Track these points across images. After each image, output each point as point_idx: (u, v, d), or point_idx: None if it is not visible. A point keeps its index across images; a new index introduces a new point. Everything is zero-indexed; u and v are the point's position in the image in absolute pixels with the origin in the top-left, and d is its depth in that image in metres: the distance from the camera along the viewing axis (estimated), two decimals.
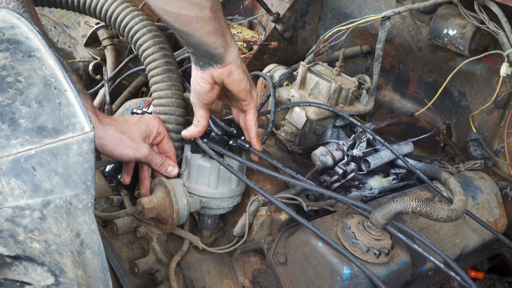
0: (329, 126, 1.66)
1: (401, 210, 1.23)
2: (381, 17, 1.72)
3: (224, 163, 1.36)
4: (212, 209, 1.45)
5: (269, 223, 1.43)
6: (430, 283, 1.61)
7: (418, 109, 2.08)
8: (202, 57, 1.29)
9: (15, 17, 1.11)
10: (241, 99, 1.38)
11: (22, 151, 0.88)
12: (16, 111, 0.91)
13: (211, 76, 1.31)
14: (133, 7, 1.68)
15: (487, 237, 1.69)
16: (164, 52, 1.59)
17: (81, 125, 0.96)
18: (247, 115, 1.41)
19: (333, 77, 1.69)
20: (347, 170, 1.55)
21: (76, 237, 0.91)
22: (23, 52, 1.01)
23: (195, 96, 1.37)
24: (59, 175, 0.91)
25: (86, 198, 0.93)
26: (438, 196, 1.56)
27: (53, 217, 0.88)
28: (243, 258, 1.45)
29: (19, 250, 0.80)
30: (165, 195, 1.35)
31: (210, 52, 1.26)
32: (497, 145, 1.83)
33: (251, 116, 1.40)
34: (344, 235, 1.28)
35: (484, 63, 1.82)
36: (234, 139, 1.41)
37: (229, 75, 1.31)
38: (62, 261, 0.85)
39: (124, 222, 1.40)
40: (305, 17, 2.25)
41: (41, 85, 0.97)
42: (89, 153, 0.95)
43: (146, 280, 1.40)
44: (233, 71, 1.31)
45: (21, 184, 0.87)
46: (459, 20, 1.71)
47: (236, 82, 1.33)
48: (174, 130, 1.52)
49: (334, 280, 1.24)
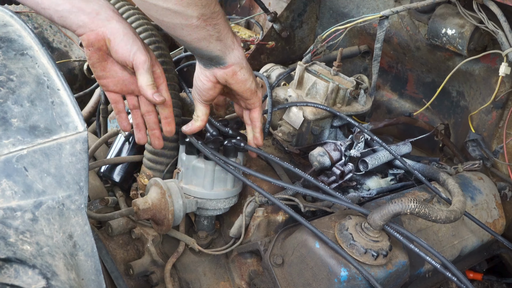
0: (327, 126, 1.65)
1: (399, 211, 1.22)
2: (379, 17, 1.71)
3: (220, 161, 1.34)
4: (208, 210, 1.43)
5: (265, 224, 1.42)
6: (429, 285, 1.60)
7: (416, 109, 2.07)
8: (201, 59, 1.27)
9: (8, 15, 1.09)
10: (246, 98, 1.35)
11: (14, 151, 0.87)
12: (8, 110, 0.90)
13: (214, 75, 1.28)
14: (128, 6, 1.66)
15: (486, 238, 1.68)
16: (160, 51, 1.57)
17: (74, 124, 0.95)
18: (252, 112, 1.39)
19: (331, 77, 1.67)
20: (344, 171, 1.54)
21: (68, 239, 0.90)
22: (16, 51, 1.00)
23: (196, 92, 1.34)
24: (52, 176, 0.89)
25: (79, 199, 0.92)
26: (436, 197, 1.55)
27: (45, 219, 0.87)
28: (240, 259, 1.44)
29: (10, 253, 0.79)
30: (160, 196, 1.33)
31: (206, 55, 1.23)
32: (495, 145, 1.82)
33: (256, 114, 1.38)
34: (341, 237, 1.26)
35: (483, 63, 1.81)
36: (229, 139, 1.39)
37: (233, 75, 1.28)
38: (54, 264, 0.83)
39: (119, 223, 1.39)
40: (303, 17, 2.24)
41: (34, 84, 0.96)
42: (82, 153, 0.93)
43: (141, 282, 1.39)
44: (237, 71, 1.27)
45: (12, 184, 0.85)
46: (458, 19, 1.70)
47: (240, 82, 1.30)
48: None
49: (331, 282, 1.23)
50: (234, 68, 1.26)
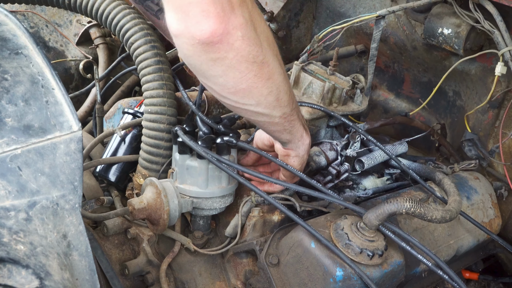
0: (323, 126, 1.65)
1: (395, 211, 1.22)
2: (375, 16, 1.71)
3: (213, 159, 1.34)
4: (204, 210, 1.43)
5: (261, 224, 1.42)
6: (424, 284, 1.60)
7: (412, 109, 2.07)
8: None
9: (3, 14, 1.09)
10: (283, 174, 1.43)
11: (8, 150, 0.87)
12: (2, 110, 0.90)
13: (273, 142, 1.38)
14: (125, 5, 1.66)
15: (482, 238, 1.69)
16: (156, 51, 1.57)
17: (69, 124, 0.94)
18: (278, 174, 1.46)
19: (327, 77, 1.67)
20: (340, 171, 1.54)
21: (63, 239, 0.89)
22: (10, 50, 1.00)
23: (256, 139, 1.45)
24: (46, 175, 0.89)
25: (73, 199, 0.91)
26: (432, 197, 1.55)
27: (39, 218, 0.86)
28: (235, 259, 1.43)
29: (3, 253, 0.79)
30: (156, 195, 1.33)
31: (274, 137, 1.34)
32: (492, 145, 1.82)
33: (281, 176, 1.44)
34: (337, 236, 1.26)
35: (479, 62, 1.82)
36: (221, 137, 1.39)
37: (285, 156, 1.36)
38: (47, 264, 0.83)
39: (115, 223, 1.39)
40: (299, 16, 2.24)
41: (28, 83, 0.95)
42: (76, 153, 0.93)
43: (136, 282, 1.38)
44: (290, 156, 1.35)
45: (6, 184, 0.85)
46: (454, 19, 1.70)
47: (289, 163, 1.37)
48: (166, 130, 1.50)
49: (327, 282, 1.23)
50: (290, 153, 1.35)
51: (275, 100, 1.15)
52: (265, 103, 1.13)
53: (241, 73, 1.03)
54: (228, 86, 1.06)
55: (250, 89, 1.08)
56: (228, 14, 0.94)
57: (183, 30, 0.94)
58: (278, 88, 1.13)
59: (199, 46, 0.96)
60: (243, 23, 0.97)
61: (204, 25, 0.93)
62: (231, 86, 1.06)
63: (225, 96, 1.10)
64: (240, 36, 0.97)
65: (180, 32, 0.95)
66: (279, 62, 1.13)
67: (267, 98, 1.12)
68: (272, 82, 1.10)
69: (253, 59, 1.02)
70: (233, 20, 0.95)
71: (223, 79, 1.04)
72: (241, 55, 1.00)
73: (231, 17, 0.94)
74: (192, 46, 0.96)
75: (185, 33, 0.95)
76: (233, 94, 1.09)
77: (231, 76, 1.03)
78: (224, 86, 1.06)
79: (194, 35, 0.94)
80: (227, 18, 0.94)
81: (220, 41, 0.95)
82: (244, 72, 1.03)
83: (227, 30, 0.94)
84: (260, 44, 1.03)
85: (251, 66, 1.03)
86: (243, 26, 0.97)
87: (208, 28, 0.93)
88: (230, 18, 0.94)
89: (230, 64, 1.00)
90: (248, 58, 1.01)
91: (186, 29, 0.94)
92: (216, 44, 0.95)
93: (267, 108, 1.15)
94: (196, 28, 0.93)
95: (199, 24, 0.93)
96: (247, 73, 1.04)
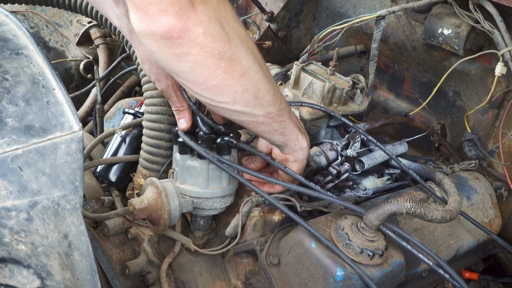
0: (323, 126, 1.65)
1: (395, 211, 1.22)
2: (375, 17, 1.71)
3: (214, 159, 1.34)
4: (204, 210, 1.43)
5: (262, 224, 1.42)
6: (425, 284, 1.60)
7: (412, 109, 2.07)
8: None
9: (3, 14, 1.09)
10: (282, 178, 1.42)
11: (9, 150, 0.87)
12: (3, 110, 0.90)
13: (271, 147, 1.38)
14: None
15: (482, 238, 1.69)
16: None
17: (70, 124, 0.94)
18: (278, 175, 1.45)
19: (327, 77, 1.67)
20: (341, 171, 1.54)
21: (64, 239, 0.89)
22: (11, 50, 1.00)
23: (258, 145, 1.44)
24: (47, 175, 0.89)
25: (74, 199, 0.91)
26: (432, 197, 1.55)
27: (40, 218, 0.86)
28: (236, 259, 1.43)
29: (5, 253, 0.79)
30: (156, 195, 1.33)
31: (267, 139, 1.33)
32: (491, 145, 1.83)
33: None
34: (337, 236, 1.26)
35: (479, 62, 1.82)
36: (222, 137, 1.39)
37: (283, 161, 1.36)
38: (49, 264, 0.83)
39: (115, 223, 1.39)
40: (299, 16, 2.24)
41: (29, 83, 0.95)
42: (77, 153, 0.93)
43: (137, 282, 1.38)
44: (289, 161, 1.35)
45: (7, 184, 0.85)
46: (454, 19, 1.71)
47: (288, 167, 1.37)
48: (166, 130, 1.50)
49: (327, 282, 1.23)
50: (288, 157, 1.35)
51: (254, 98, 1.14)
52: (242, 101, 1.13)
53: (208, 69, 1.04)
54: (198, 83, 1.07)
55: (222, 86, 1.08)
56: (187, 12, 0.96)
57: (145, 28, 0.98)
58: (256, 86, 1.13)
59: (162, 41, 0.98)
60: (204, 20, 0.99)
61: (162, 22, 0.96)
62: (202, 83, 1.07)
63: (198, 93, 1.11)
64: (202, 33, 0.99)
65: (142, 29, 0.99)
66: (256, 60, 1.12)
67: (243, 95, 1.12)
68: (247, 80, 1.10)
69: (219, 56, 1.03)
70: (193, 17, 0.97)
71: (192, 75, 1.05)
72: (205, 51, 1.01)
73: (191, 14, 0.97)
74: (155, 42, 0.99)
75: (147, 30, 0.98)
76: (205, 91, 1.10)
77: (199, 72, 1.05)
78: (195, 83, 1.08)
79: (155, 31, 0.97)
80: (186, 16, 0.96)
81: (180, 37, 0.98)
82: (211, 68, 1.04)
83: (186, 27, 0.97)
84: (228, 41, 1.03)
85: (219, 62, 1.04)
86: (205, 23, 0.99)
87: (166, 24, 0.96)
88: (190, 16, 0.97)
89: (196, 60, 1.02)
90: (213, 54, 1.02)
91: (147, 26, 0.97)
92: (176, 40, 0.98)
93: (245, 106, 1.15)
94: (156, 25, 0.96)
95: (158, 21, 0.96)
96: (215, 69, 1.05)
